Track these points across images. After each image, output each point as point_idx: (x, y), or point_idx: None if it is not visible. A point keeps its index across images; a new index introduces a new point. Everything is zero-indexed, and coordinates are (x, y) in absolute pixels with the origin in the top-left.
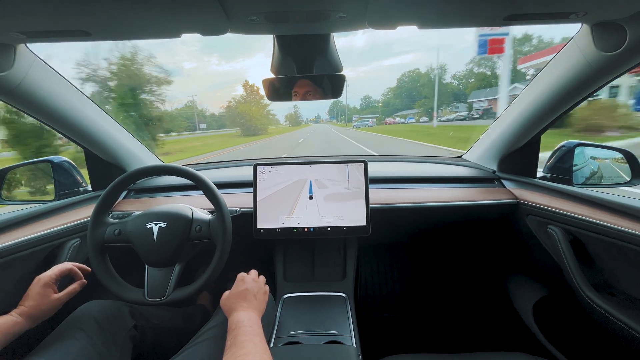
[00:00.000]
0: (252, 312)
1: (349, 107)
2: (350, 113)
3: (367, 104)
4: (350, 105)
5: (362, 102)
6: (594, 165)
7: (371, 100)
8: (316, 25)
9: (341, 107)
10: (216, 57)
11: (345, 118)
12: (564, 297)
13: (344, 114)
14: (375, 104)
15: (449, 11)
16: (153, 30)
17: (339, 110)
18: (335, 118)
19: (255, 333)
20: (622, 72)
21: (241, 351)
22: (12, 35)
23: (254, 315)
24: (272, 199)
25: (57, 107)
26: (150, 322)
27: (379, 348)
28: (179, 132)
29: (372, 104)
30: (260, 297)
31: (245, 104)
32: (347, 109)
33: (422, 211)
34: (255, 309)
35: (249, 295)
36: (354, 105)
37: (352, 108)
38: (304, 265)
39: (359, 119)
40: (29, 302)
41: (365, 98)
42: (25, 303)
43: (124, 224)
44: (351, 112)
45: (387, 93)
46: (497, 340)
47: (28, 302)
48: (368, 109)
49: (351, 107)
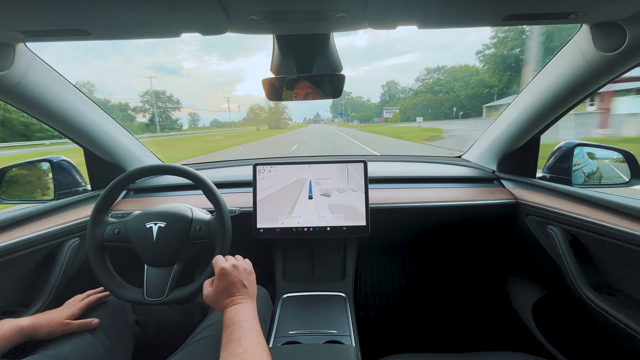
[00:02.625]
0: (246, 303)
1: (367, 101)
2: (365, 109)
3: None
4: (364, 98)
5: (385, 94)
6: (593, 166)
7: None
8: (316, 25)
9: (352, 101)
10: (216, 57)
11: (353, 117)
12: (563, 297)
13: (354, 111)
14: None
15: (448, 11)
16: (153, 29)
17: (350, 105)
18: (342, 115)
19: (252, 327)
20: (621, 73)
21: (239, 349)
22: (11, 34)
23: (249, 306)
24: (271, 199)
25: (57, 106)
26: (152, 317)
27: (378, 348)
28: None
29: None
30: (250, 281)
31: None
32: (360, 104)
33: (422, 211)
34: (247, 296)
35: (238, 285)
36: (367, 98)
37: (369, 103)
38: (304, 265)
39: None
40: (44, 328)
41: (390, 84)
42: (41, 319)
43: (123, 223)
44: (366, 107)
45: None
46: (496, 340)
47: (42, 324)
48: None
49: (367, 102)
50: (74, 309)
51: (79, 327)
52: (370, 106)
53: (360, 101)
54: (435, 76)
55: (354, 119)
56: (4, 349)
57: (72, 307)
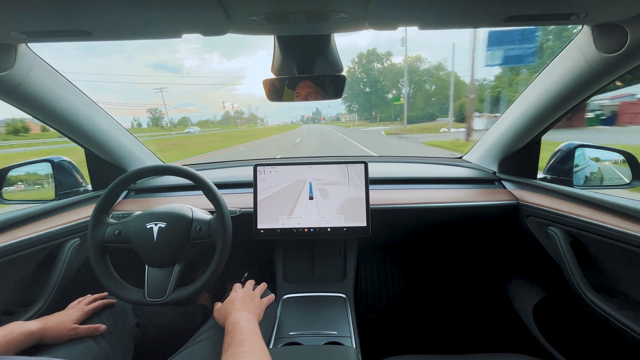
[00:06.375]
0: (248, 314)
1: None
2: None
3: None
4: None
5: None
6: (594, 167)
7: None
8: (317, 25)
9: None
10: (217, 55)
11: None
12: (564, 299)
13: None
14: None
15: (449, 12)
16: (154, 30)
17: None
18: (360, 109)
19: (252, 332)
20: (622, 74)
21: (239, 349)
22: (13, 35)
23: (251, 316)
24: (272, 199)
25: (58, 106)
26: (152, 320)
27: (379, 349)
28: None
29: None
30: (256, 302)
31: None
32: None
33: (423, 212)
34: (251, 311)
35: (246, 299)
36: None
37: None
38: (304, 266)
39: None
40: (52, 333)
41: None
42: (49, 324)
43: (124, 224)
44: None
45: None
46: (497, 342)
47: (51, 328)
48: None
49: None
50: (80, 313)
51: (86, 333)
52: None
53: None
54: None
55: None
56: (13, 353)
57: (79, 310)
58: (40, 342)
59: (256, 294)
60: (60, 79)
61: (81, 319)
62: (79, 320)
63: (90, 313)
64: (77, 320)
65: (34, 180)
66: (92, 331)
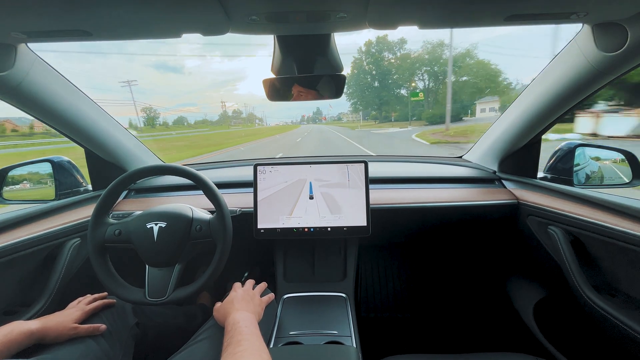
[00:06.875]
0: (248, 313)
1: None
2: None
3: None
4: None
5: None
6: (594, 166)
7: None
8: (317, 25)
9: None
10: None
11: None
12: (565, 298)
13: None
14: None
15: (449, 11)
16: (154, 30)
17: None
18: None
19: (252, 332)
20: (623, 73)
21: (238, 348)
22: (13, 35)
23: (250, 316)
24: (272, 199)
25: (58, 106)
26: (152, 320)
27: (379, 348)
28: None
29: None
30: (256, 301)
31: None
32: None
33: (423, 211)
34: (251, 311)
35: (245, 298)
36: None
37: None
38: (304, 266)
39: None
40: (53, 332)
41: None
42: (50, 323)
43: (124, 224)
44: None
45: None
46: (497, 341)
47: (52, 327)
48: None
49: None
50: (80, 313)
51: (86, 332)
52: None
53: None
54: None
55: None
56: (14, 352)
57: (79, 310)
58: (40, 341)
59: (256, 293)
60: (60, 79)
61: (81, 319)
62: (79, 320)
63: (91, 313)
64: (78, 319)
65: (34, 180)
66: (92, 331)
